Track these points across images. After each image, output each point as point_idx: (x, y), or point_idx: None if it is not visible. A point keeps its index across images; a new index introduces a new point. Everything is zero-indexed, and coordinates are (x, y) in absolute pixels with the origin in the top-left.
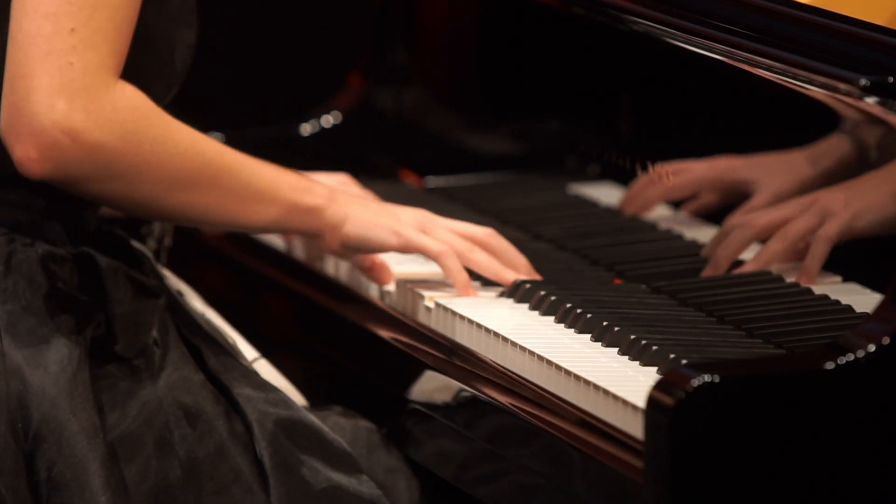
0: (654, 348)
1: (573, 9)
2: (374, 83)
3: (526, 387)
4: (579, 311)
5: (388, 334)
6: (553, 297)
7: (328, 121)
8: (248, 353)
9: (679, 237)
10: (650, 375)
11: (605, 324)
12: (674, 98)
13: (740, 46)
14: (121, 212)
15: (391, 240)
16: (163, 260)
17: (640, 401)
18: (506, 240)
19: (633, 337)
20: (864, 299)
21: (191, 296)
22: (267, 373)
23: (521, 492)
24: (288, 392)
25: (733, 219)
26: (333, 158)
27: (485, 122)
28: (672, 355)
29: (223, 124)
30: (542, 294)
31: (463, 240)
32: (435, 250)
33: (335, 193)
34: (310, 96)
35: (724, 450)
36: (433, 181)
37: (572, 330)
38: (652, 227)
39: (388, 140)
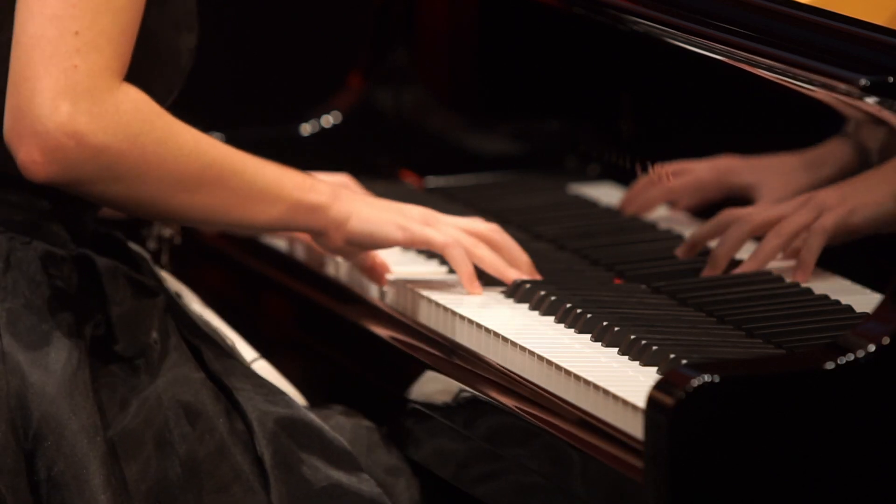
0: (654, 348)
1: (573, 9)
2: (374, 83)
3: (526, 387)
4: (579, 311)
5: (387, 334)
6: (553, 297)
7: (328, 121)
8: (247, 354)
9: (679, 237)
10: (650, 375)
11: (605, 324)
12: (674, 98)
13: (740, 46)
14: (124, 213)
15: (396, 234)
16: (165, 259)
17: (640, 401)
18: (509, 236)
19: (633, 337)
20: (864, 299)
21: (189, 297)
22: (266, 373)
23: (520, 491)
24: (288, 392)
25: (727, 213)
26: (333, 158)
27: (485, 122)
28: (672, 355)
29: (223, 124)
30: (542, 294)
31: (468, 235)
32: (441, 242)
33: (339, 191)
34: (310, 96)
35: (724, 450)
36: (433, 181)
37: (572, 330)
38: (652, 227)
39: (388, 140)
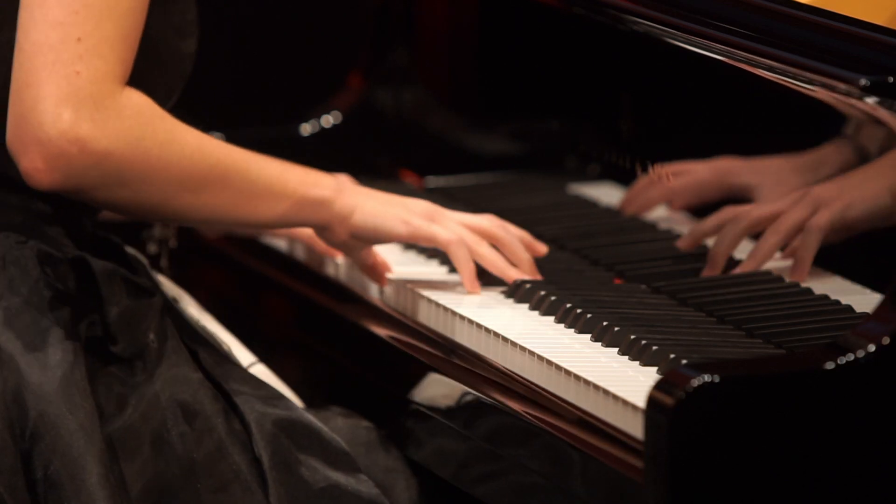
0: (654, 348)
1: (573, 9)
2: (374, 83)
3: (526, 387)
4: (579, 311)
5: (387, 334)
6: (553, 297)
7: (328, 121)
8: (245, 358)
9: (679, 237)
10: (650, 375)
11: (605, 324)
12: (674, 98)
13: (740, 46)
14: (130, 217)
15: (400, 228)
16: (164, 262)
17: (640, 401)
18: (513, 230)
19: (633, 337)
20: (864, 299)
21: (187, 302)
22: (264, 377)
23: (520, 491)
24: (285, 395)
25: (729, 210)
26: (333, 158)
27: (485, 122)
28: (672, 355)
29: (223, 124)
30: (542, 294)
31: (471, 232)
32: (444, 239)
33: (343, 185)
34: (310, 96)
35: (724, 450)
36: (433, 181)
37: (572, 330)
38: (652, 227)
39: (388, 140)
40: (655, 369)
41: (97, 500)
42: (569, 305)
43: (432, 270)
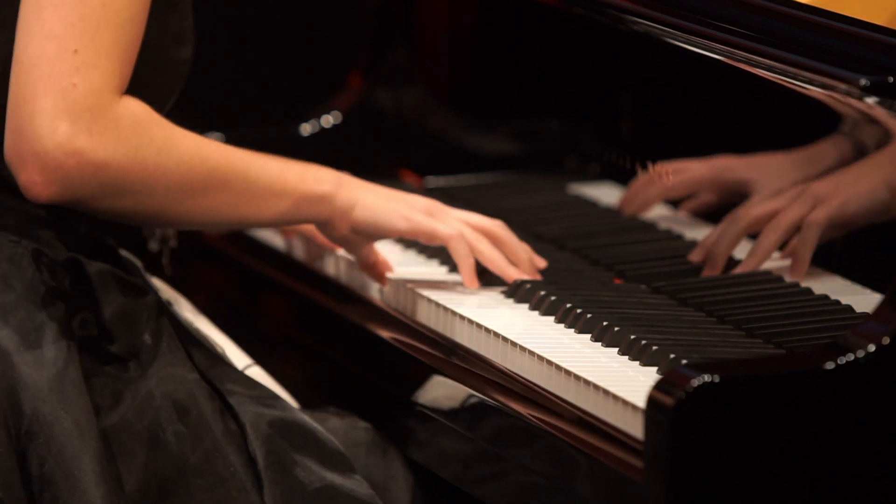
0: (654, 348)
1: (573, 9)
2: (374, 83)
3: (526, 387)
4: (579, 311)
5: (387, 334)
6: (553, 297)
7: (328, 121)
8: (241, 361)
9: (679, 237)
10: (650, 375)
11: (605, 324)
12: (674, 98)
13: (740, 46)
14: (132, 223)
15: (400, 224)
16: (165, 261)
17: (640, 401)
18: (512, 232)
19: (633, 337)
20: (864, 299)
21: (182, 304)
22: (260, 379)
23: (520, 491)
24: (281, 397)
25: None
26: (333, 158)
27: (485, 122)
28: (672, 355)
29: (223, 124)
30: (542, 294)
31: (472, 229)
32: (445, 234)
33: (343, 179)
34: (310, 96)
35: (724, 450)
36: (433, 181)
37: (572, 330)
38: (652, 227)
39: (388, 140)
40: (655, 369)
41: (93, 500)
42: (569, 305)
43: (432, 270)
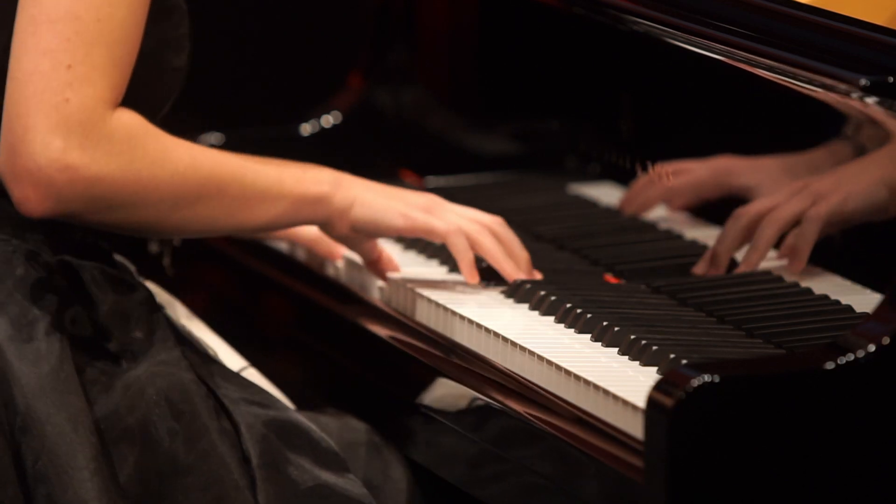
0: (654, 348)
1: (573, 9)
2: (374, 83)
3: (526, 387)
4: (579, 311)
5: (387, 334)
6: (553, 297)
7: (328, 121)
8: (236, 362)
9: (679, 237)
10: (650, 375)
11: (605, 324)
12: (674, 98)
13: (740, 46)
14: (129, 234)
15: (398, 221)
16: (167, 261)
17: (640, 401)
18: (511, 231)
19: (633, 337)
20: (864, 299)
21: (176, 307)
22: (255, 381)
23: (520, 491)
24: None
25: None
26: (333, 158)
27: (485, 122)
28: (672, 355)
29: (223, 124)
30: (542, 294)
31: (472, 222)
32: (442, 230)
33: (341, 178)
34: (310, 96)
35: (724, 450)
36: (433, 181)
37: (572, 330)
38: (652, 227)
39: (388, 140)
40: (655, 369)
41: (87, 494)
42: (569, 305)
43: (432, 270)
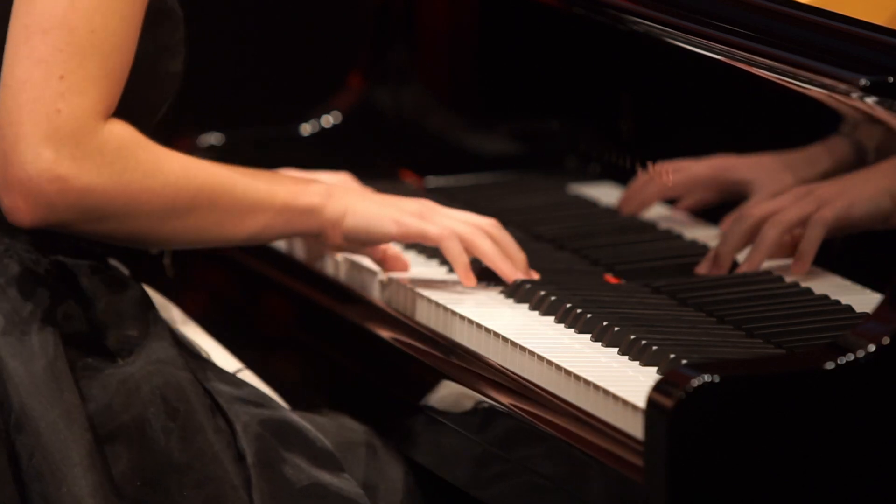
0: (654, 348)
1: (573, 9)
2: (374, 83)
3: (526, 387)
4: (579, 311)
5: (387, 334)
6: (553, 297)
7: (328, 121)
8: (231, 365)
9: (679, 237)
10: (650, 375)
11: (605, 324)
12: (674, 98)
13: (740, 46)
14: (120, 244)
15: (391, 228)
16: (167, 261)
17: (640, 401)
18: (507, 233)
19: (633, 337)
20: (864, 299)
21: (171, 310)
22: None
23: (519, 491)
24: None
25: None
26: (333, 158)
27: (485, 122)
28: (672, 355)
29: (223, 124)
30: (542, 294)
31: (466, 225)
32: (435, 234)
33: (332, 189)
34: (310, 96)
35: (724, 450)
36: (433, 181)
37: (572, 330)
38: (652, 227)
39: (388, 140)
40: (655, 369)
41: (81, 491)
42: (569, 305)
43: (432, 270)
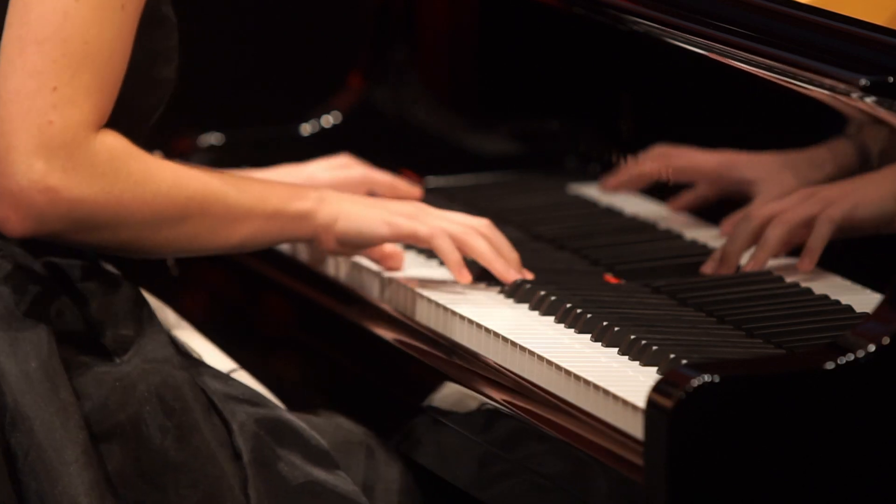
0: (654, 348)
1: (573, 9)
2: (374, 83)
3: (526, 387)
4: (579, 311)
5: (387, 334)
6: (553, 297)
7: (328, 121)
8: (226, 365)
9: (679, 237)
10: (650, 375)
11: (605, 324)
12: (674, 98)
13: (740, 46)
14: (113, 254)
15: (382, 230)
16: (170, 261)
17: (640, 401)
18: (500, 233)
19: (633, 337)
20: (864, 299)
21: (165, 312)
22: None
23: (519, 491)
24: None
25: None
26: None
27: (485, 122)
28: (672, 355)
29: (223, 124)
30: (542, 294)
31: (458, 225)
32: (426, 234)
33: (325, 194)
34: (310, 96)
35: (724, 450)
36: (433, 181)
37: (572, 330)
38: (652, 227)
39: (388, 140)
40: (655, 369)
41: (76, 489)
42: (569, 305)
43: (432, 271)
